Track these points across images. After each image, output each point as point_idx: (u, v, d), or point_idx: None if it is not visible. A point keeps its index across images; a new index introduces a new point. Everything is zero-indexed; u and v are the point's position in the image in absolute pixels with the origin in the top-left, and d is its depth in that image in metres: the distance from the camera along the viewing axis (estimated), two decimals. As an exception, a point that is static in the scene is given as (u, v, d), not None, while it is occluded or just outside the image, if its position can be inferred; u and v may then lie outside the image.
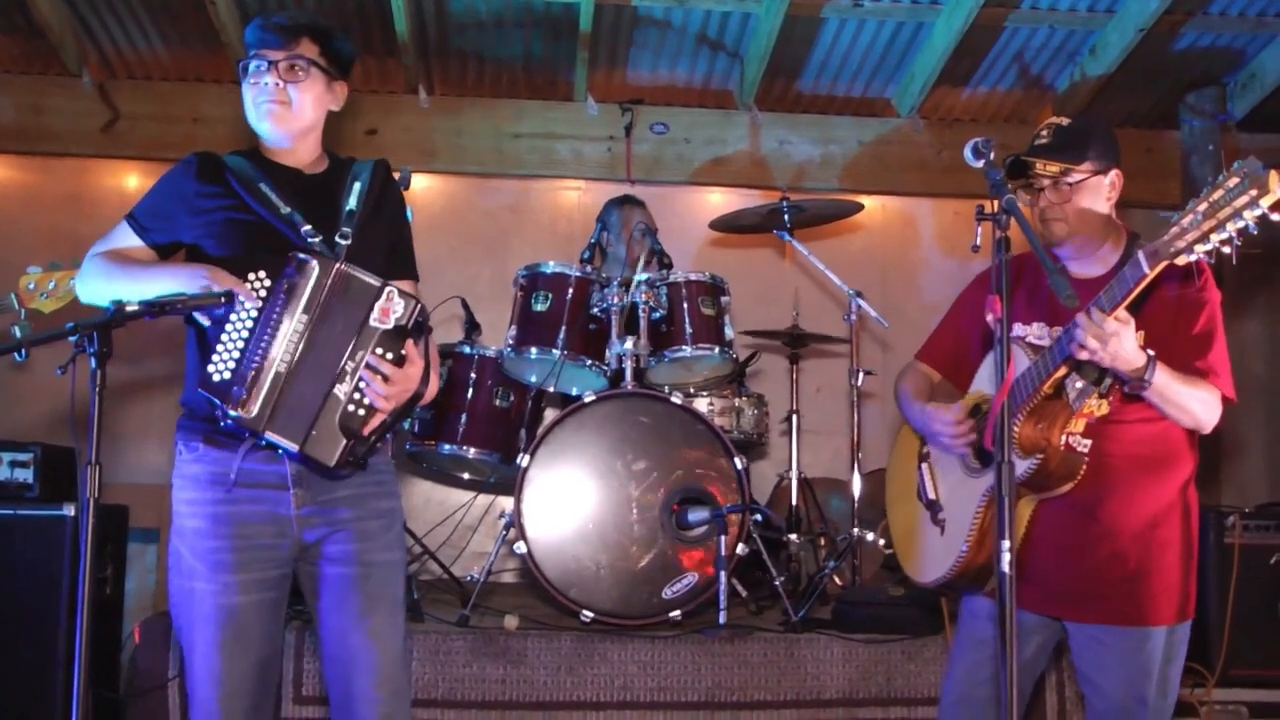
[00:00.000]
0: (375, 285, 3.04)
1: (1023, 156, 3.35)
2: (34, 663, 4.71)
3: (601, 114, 7.63)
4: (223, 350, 2.97)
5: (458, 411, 5.66)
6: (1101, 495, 3.31)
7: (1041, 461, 3.19)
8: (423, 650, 4.75)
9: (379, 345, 3.01)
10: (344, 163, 3.39)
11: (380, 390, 3.00)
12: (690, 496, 4.98)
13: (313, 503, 3.12)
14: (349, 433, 2.99)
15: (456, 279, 6.76)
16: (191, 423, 3.15)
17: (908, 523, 3.79)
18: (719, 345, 5.43)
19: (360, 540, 3.17)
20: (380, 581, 3.19)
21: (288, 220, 3.14)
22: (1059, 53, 7.16)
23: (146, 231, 3.22)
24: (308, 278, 3.00)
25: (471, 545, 6.56)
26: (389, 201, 3.38)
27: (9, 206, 7.40)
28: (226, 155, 3.27)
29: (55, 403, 6.76)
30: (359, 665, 3.14)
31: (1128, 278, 2.96)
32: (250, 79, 3.21)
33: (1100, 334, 2.98)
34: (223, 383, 2.95)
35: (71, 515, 4.84)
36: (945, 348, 3.83)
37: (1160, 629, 3.29)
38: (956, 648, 3.68)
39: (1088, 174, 3.35)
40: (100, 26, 6.97)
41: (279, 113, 3.20)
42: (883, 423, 6.96)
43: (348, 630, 3.15)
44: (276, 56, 3.20)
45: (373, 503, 3.22)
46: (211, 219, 3.15)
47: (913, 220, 7.98)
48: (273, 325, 2.97)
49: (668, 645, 4.81)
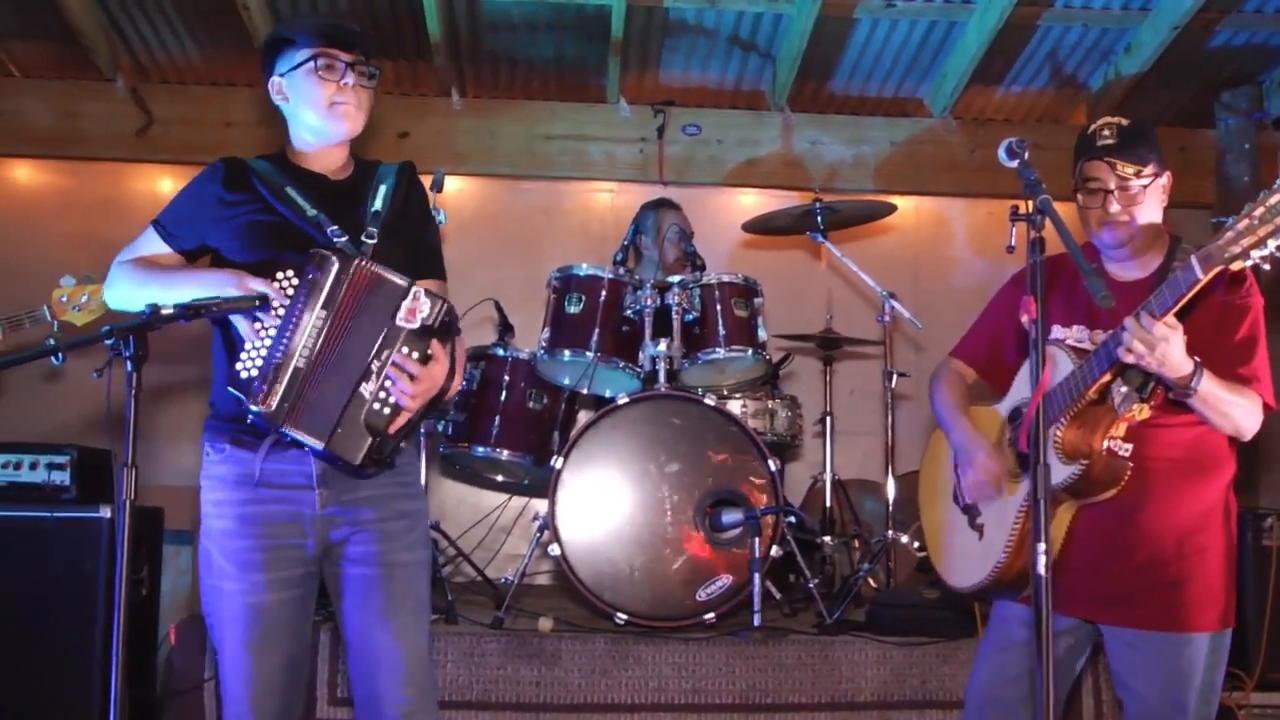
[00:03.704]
0: (402, 285, 3.05)
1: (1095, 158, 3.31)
2: (71, 663, 4.74)
3: (634, 116, 7.63)
4: (250, 348, 2.99)
5: (491, 414, 5.67)
6: (1141, 500, 3.28)
7: (1085, 468, 3.16)
8: (457, 652, 4.76)
9: (405, 344, 3.03)
10: (369, 166, 3.40)
11: (406, 389, 3.01)
12: (724, 498, 4.98)
13: (337, 503, 3.13)
14: (374, 431, 3.01)
15: (488, 281, 6.76)
16: (218, 423, 3.17)
17: (942, 525, 3.77)
18: (752, 347, 5.42)
19: (383, 541, 3.18)
20: (403, 582, 3.20)
21: (313, 222, 3.15)
22: (1093, 51, 7.12)
23: (173, 238, 3.24)
24: (327, 273, 3.01)
25: (505, 548, 6.56)
26: (415, 202, 3.40)
27: (44, 211, 7.45)
28: (252, 160, 3.28)
29: (91, 406, 6.79)
30: (383, 666, 3.15)
31: (1179, 282, 2.90)
32: (322, 76, 3.21)
33: (1149, 339, 2.93)
34: (248, 379, 2.97)
35: (107, 517, 4.86)
36: (981, 346, 3.80)
37: (1203, 635, 3.26)
38: (983, 650, 3.66)
39: (1154, 176, 3.31)
40: (134, 31, 7.01)
41: (354, 114, 3.24)
42: (916, 424, 6.92)
43: (371, 630, 3.16)
44: (349, 58, 3.23)
45: (396, 504, 3.23)
46: (235, 223, 3.17)
47: (946, 221, 7.95)
48: (293, 322, 2.99)
49: (702, 647, 4.80)
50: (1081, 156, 3.37)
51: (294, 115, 3.29)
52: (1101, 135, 3.33)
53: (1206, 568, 3.28)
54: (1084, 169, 3.36)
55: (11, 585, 4.82)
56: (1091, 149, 3.33)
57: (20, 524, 4.89)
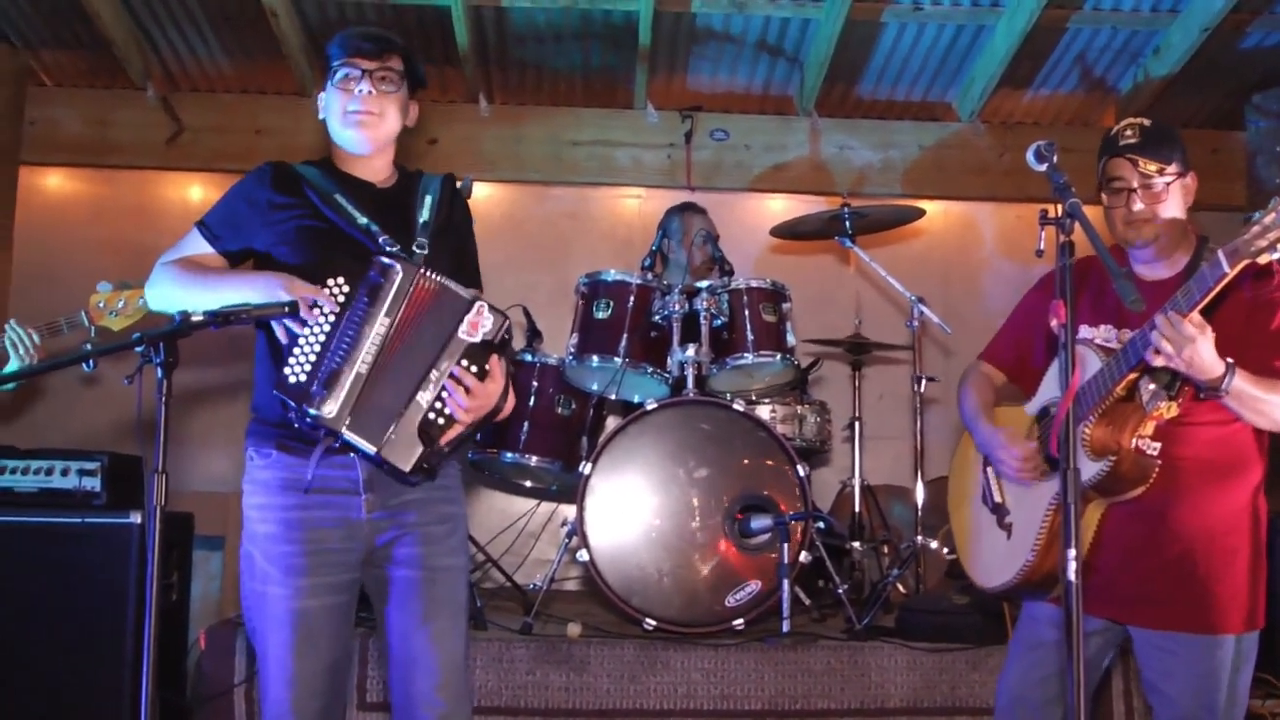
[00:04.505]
0: (466, 298, 3.07)
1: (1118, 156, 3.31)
2: (102, 668, 4.76)
3: (661, 121, 7.64)
4: (299, 353, 2.98)
5: (519, 419, 5.66)
6: (1170, 499, 3.26)
7: (1113, 465, 3.14)
8: (485, 658, 4.76)
9: (465, 357, 3.04)
10: (413, 175, 3.42)
11: (462, 402, 3.02)
12: (752, 504, 4.98)
13: (383, 507, 3.14)
14: (426, 440, 3.01)
15: (516, 287, 6.77)
16: (262, 428, 3.17)
17: (971, 526, 3.75)
18: (781, 352, 5.41)
19: (425, 544, 3.18)
20: (444, 586, 3.20)
21: (364, 230, 3.16)
22: (1122, 54, 7.10)
23: (218, 239, 3.25)
24: (391, 282, 3.02)
25: (534, 553, 6.57)
26: (458, 213, 3.42)
27: (75, 218, 7.51)
28: (300, 165, 3.30)
29: (122, 412, 6.84)
30: (420, 669, 3.15)
31: (1207, 276, 2.89)
32: (340, 85, 3.25)
33: (1177, 337, 2.92)
34: (298, 384, 2.96)
35: (138, 523, 4.88)
36: (1009, 348, 3.78)
37: (1229, 637, 3.23)
38: (1013, 650, 3.65)
39: (1177, 175, 3.31)
40: (164, 40, 7.06)
41: (369, 121, 3.25)
42: (945, 429, 6.90)
43: (410, 633, 3.16)
44: (370, 66, 3.24)
45: (438, 507, 3.23)
46: (285, 227, 3.18)
47: (974, 225, 7.92)
48: (354, 327, 2.98)
49: (730, 653, 4.79)
50: (1105, 155, 3.38)
51: (328, 127, 3.33)
52: (1124, 135, 3.34)
53: (1236, 568, 3.26)
54: (1107, 168, 3.37)
55: (43, 590, 4.85)
56: (1114, 148, 3.34)
57: (52, 529, 4.92)
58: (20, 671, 4.80)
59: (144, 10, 6.80)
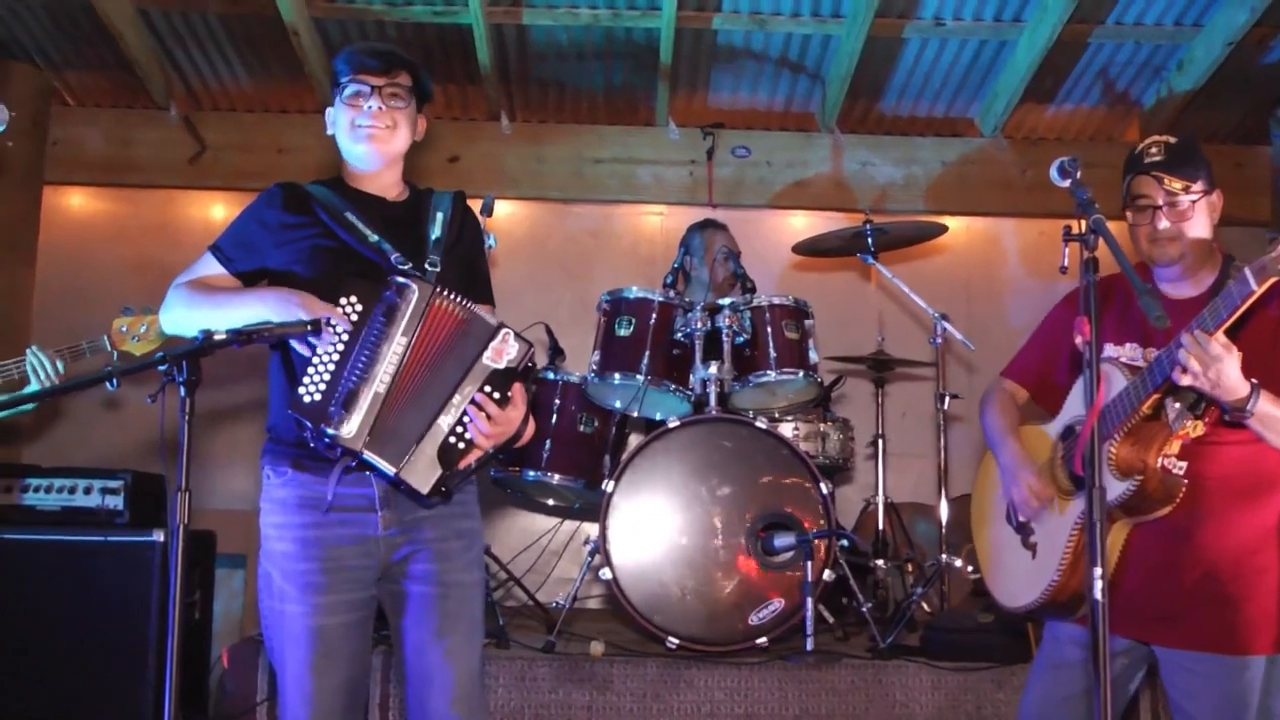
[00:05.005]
0: (493, 325, 3.07)
1: (1143, 174, 3.29)
2: (125, 686, 4.78)
3: (683, 138, 7.64)
4: (313, 372, 2.98)
5: (542, 437, 5.65)
6: (1196, 519, 3.23)
7: (1139, 484, 3.12)
8: (508, 676, 4.75)
9: (488, 383, 3.03)
10: (424, 193, 3.42)
11: (484, 428, 3.02)
12: (776, 522, 4.96)
13: (399, 523, 3.14)
14: (446, 463, 3.00)
15: (537, 304, 6.78)
16: (279, 447, 3.17)
17: (994, 545, 3.73)
18: (803, 369, 5.39)
19: (441, 560, 3.18)
20: (459, 601, 3.20)
21: (375, 247, 3.16)
22: (1145, 68, 7.08)
23: (231, 261, 3.25)
24: (407, 301, 3.02)
25: (556, 571, 6.55)
26: (469, 230, 3.42)
27: (98, 237, 7.54)
28: (310, 184, 3.30)
29: (145, 431, 6.85)
30: (435, 684, 3.15)
31: (1234, 294, 2.87)
32: (349, 102, 3.25)
33: (1203, 356, 2.89)
34: (314, 404, 2.95)
35: (160, 540, 4.91)
36: (1033, 366, 3.75)
37: (1259, 658, 3.19)
38: (1035, 670, 3.61)
39: (1202, 193, 3.29)
40: (186, 59, 7.10)
41: (380, 135, 3.25)
42: (969, 446, 6.87)
43: (425, 649, 3.16)
44: (379, 82, 3.25)
45: (454, 523, 3.23)
46: (298, 247, 3.18)
47: (997, 241, 7.89)
48: (370, 346, 2.98)
49: (754, 672, 4.77)
50: (1129, 173, 3.36)
51: (338, 142, 3.33)
52: (1149, 152, 3.32)
53: (1264, 589, 3.22)
54: (1132, 186, 3.35)
55: (66, 608, 4.87)
56: (1139, 165, 3.32)
57: (75, 548, 4.95)
58: (43, 689, 4.82)
59: (166, 30, 6.84)
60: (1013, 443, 3.62)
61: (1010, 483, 3.57)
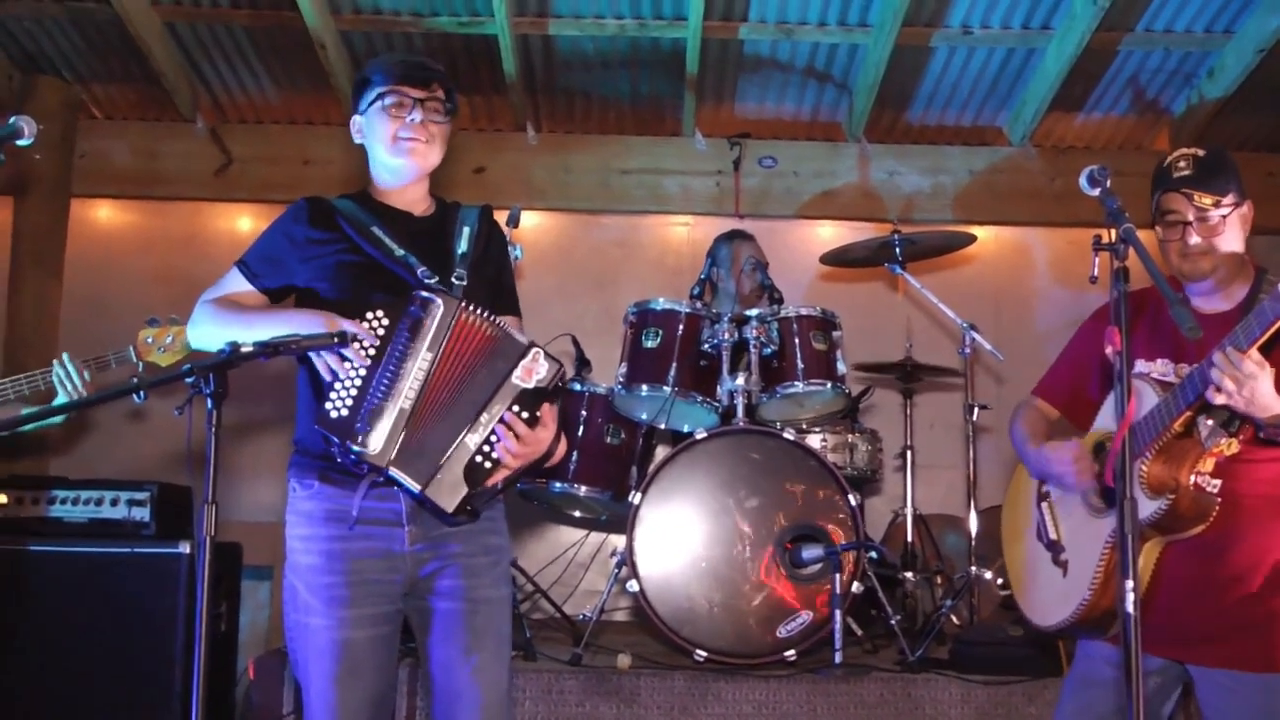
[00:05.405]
0: (523, 343, 3.05)
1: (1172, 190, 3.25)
2: (151, 698, 4.80)
3: (710, 148, 7.63)
4: (340, 388, 2.97)
5: (569, 449, 5.61)
6: (1232, 537, 3.18)
7: (1172, 502, 3.08)
8: (535, 689, 4.73)
9: (516, 402, 3.01)
10: (450, 206, 3.41)
11: (511, 447, 3.00)
12: (804, 534, 4.94)
13: (425, 539, 3.12)
14: (472, 482, 2.98)
15: (564, 315, 6.77)
16: (305, 460, 3.16)
17: (1025, 562, 3.69)
18: (831, 380, 5.37)
19: (468, 576, 3.16)
20: (486, 617, 3.18)
21: (402, 262, 3.15)
22: (1175, 76, 7.03)
23: (257, 277, 3.25)
24: (432, 316, 3.00)
25: (583, 584, 6.55)
26: (495, 244, 3.41)
27: (125, 249, 7.57)
28: (335, 199, 3.29)
29: (170, 443, 6.87)
30: (463, 701, 3.13)
31: (1267, 311, 2.83)
32: (391, 113, 3.23)
33: (1237, 375, 2.85)
34: (341, 419, 2.94)
35: (186, 553, 4.92)
36: (1063, 384, 3.71)
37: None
38: (1067, 687, 3.57)
39: (1233, 206, 3.25)
40: (213, 72, 7.13)
41: (422, 149, 3.25)
42: (998, 457, 6.84)
43: (453, 666, 3.14)
44: (420, 94, 3.24)
45: (481, 539, 3.21)
46: (324, 263, 3.18)
47: (1026, 250, 7.85)
48: (396, 362, 2.97)
49: (782, 685, 4.74)
50: (1158, 189, 3.32)
51: (370, 153, 3.32)
52: (1177, 167, 3.27)
53: (1301, 606, 3.18)
54: (1161, 201, 3.31)
55: (93, 620, 4.89)
56: (1168, 181, 3.28)
57: (101, 559, 4.97)
58: (70, 700, 4.84)
59: (193, 43, 6.86)
60: (1039, 444, 3.57)
61: (1046, 472, 3.52)
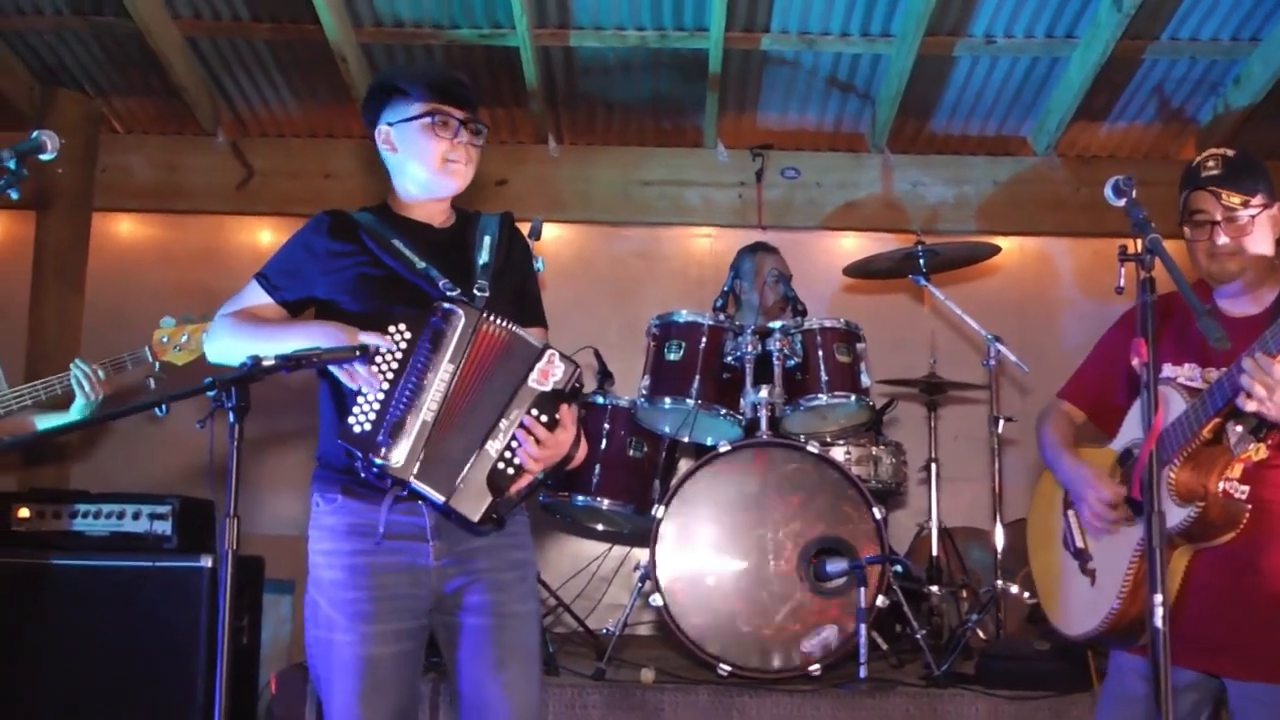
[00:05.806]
0: (537, 347, 3.04)
1: (1200, 189, 3.22)
2: (173, 711, 4.80)
3: (732, 160, 7.61)
4: (363, 401, 2.96)
5: (591, 463, 5.61)
6: (1261, 544, 3.14)
7: (1201, 510, 3.04)
8: (558, 704, 4.71)
9: (535, 406, 3.00)
10: (471, 216, 3.39)
11: (532, 452, 2.98)
12: (828, 547, 4.91)
13: (451, 554, 3.10)
14: (496, 489, 2.97)
15: (586, 328, 6.75)
16: (328, 474, 3.14)
17: (1052, 571, 3.65)
18: (855, 393, 5.34)
19: (496, 591, 3.14)
20: (515, 632, 3.16)
21: (423, 274, 3.13)
22: (1200, 84, 7.00)
23: (277, 290, 3.24)
24: (454, 327, 2.99)
25: (606, 598, 6.52)
26: (517, 253, 3.38)
27: (146, 263, 7.60)
28: (356, 212, 3.28)
29: (193, 456, 6.88)
30: (494, 717, 3.11)
31: None
32: (436, 132, 3.21)
33: (1267, 381, 2.81)
34: (364, 433, 2.93)
35: (209, 566, 4.93)
36: (1090, 387, 3.69)
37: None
38: (1102, 703, 3.53)
39: (1262, 206, 3.22)
40: (234, 86, 7.16)
41: (464, 171, 3.25)
42: (1024, 470, 6.79)
43: (484, 682, 3.12)
44: (464, 115, 3.24)
45: (507, 554, 3.18)
46: (344, 276, 3.16)
47: (1051, 261, 7.81)
48: (417, 375, 2.95)
49: (807, 699, 4.71)
50: (1186, 188, 3.29)
51: (400, 167, 3.29)
52: (1206, 166, 3.25)
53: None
54: (1189, 201, 3.28)
55: (115, 634, 4.90)
56: (1196, 180, 3.25)
57: (123, 573, 4.98)
58: (93, 714, 4.85)
59: (214, 57, 6.89)
60: (1073, 456, 3.54)
61: (1076, 494, 3.49)
